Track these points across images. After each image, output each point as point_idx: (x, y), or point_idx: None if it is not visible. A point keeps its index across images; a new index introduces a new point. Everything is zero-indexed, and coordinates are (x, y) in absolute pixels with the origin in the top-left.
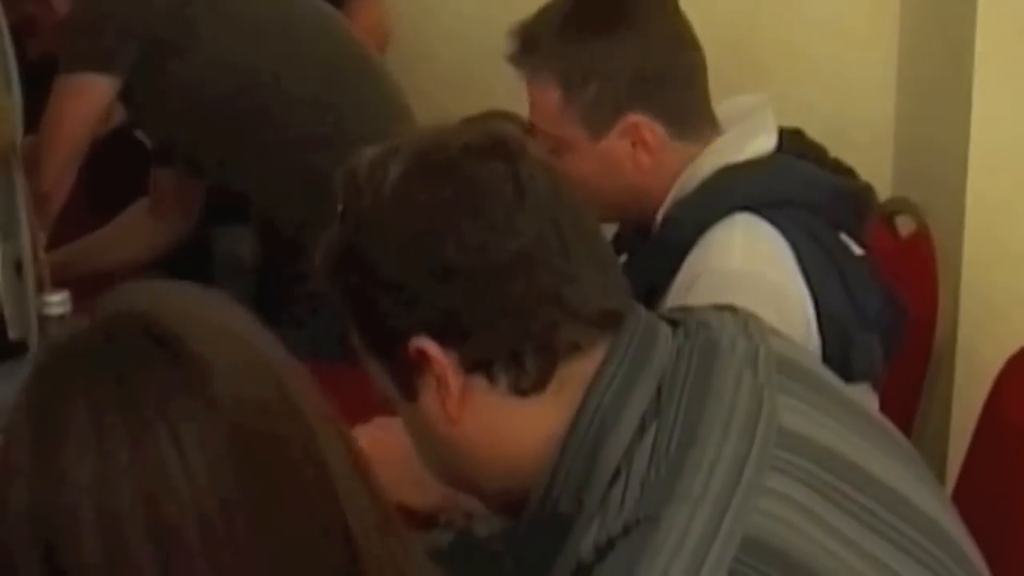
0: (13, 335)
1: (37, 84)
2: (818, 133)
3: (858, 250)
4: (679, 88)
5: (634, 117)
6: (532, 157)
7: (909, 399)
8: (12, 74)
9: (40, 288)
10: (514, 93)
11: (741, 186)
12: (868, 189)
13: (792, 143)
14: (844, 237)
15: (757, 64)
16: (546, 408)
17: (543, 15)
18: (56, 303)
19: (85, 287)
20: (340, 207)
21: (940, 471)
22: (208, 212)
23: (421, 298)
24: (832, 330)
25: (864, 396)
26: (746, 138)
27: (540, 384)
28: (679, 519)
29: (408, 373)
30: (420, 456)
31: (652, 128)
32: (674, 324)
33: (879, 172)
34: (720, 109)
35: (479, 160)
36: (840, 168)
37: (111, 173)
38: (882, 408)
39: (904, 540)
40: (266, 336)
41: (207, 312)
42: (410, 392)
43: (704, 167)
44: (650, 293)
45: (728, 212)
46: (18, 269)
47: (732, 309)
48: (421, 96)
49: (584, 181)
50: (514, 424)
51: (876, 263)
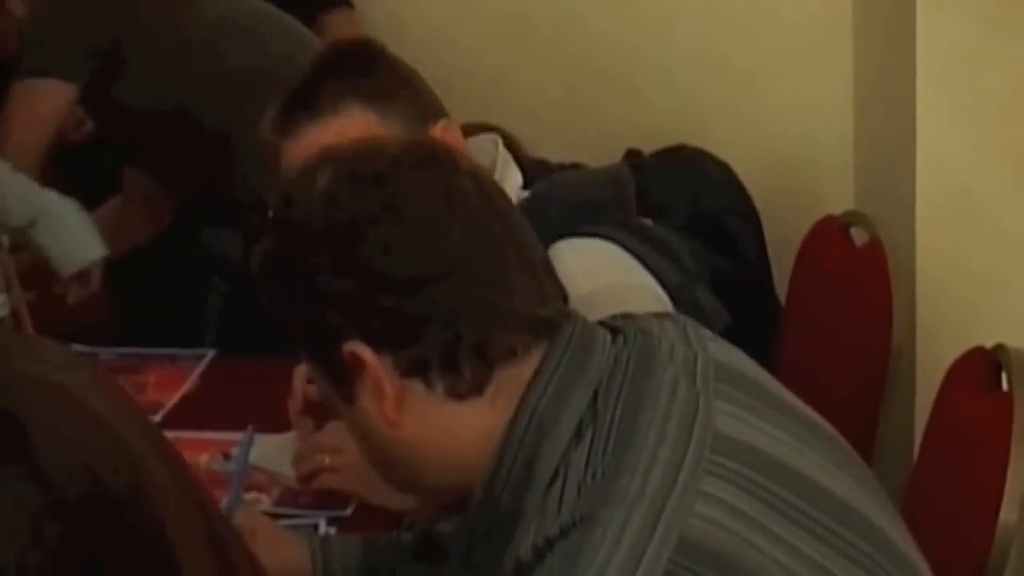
0: None
1: None
2: (783, 152)
3: (648, 222)
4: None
5: (443, 121)
6: (463, 169)
7: (868, 404)
8: None
9: None
10: (488, 108)
11: (541, 220)
12: (622, 166)
13: (536, 165)
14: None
15: (725, 88)
16: (484, 412)
17: None
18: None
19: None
20: (271, 216)
21: (904, 473)
22: (197, 214)
23: (352, 305)
24: (680, 297)
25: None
26: (507, 175)
27: (477, 389)
28: (615, 520)
29: (345, 377)
30: (365, 458)
31: (456, 135)
32: (614, 331)
33: (842, 186)
34: None
35: (408, 171)
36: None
37: (91, 175)
38: (841, 415)
39: (841, 543)
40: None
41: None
42: (348, 396)
43: None
44: None
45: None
46: None
47: (673, 317)
48: None
49: None
50: (453, 427)
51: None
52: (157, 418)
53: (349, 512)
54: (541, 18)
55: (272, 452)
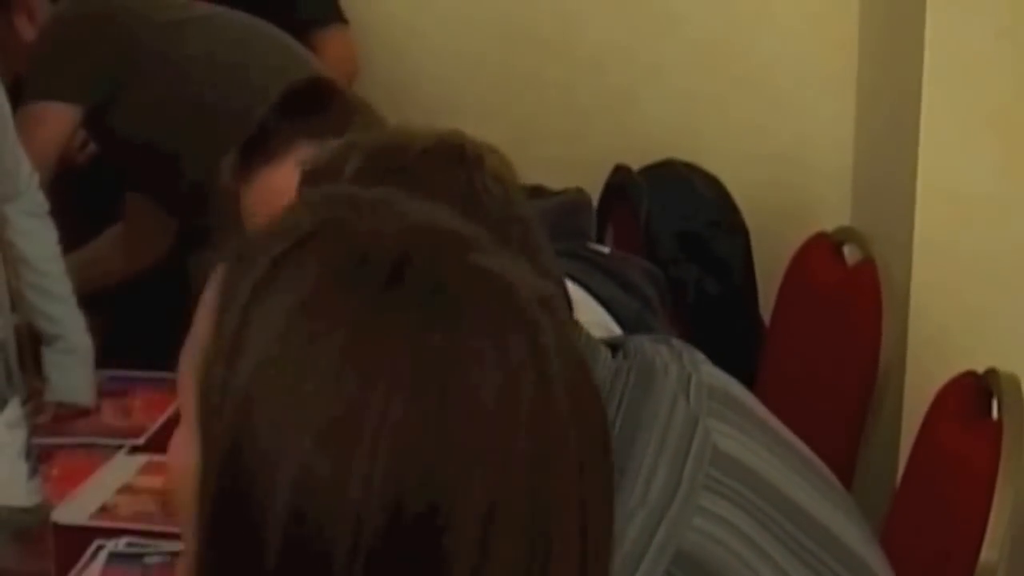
0: None
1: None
2: (778, 166)
3: (604, 249)
4: None
5: None
6: (488, 169)
7: (854, 425)
8: None
9: None
10: (484, 124)
11: None
12: (579, 191)
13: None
14: (591, 245)
15: (720, 98)
16: None
17: None
18: None
19: None
20: (296, 196)
21: (888, 496)
22: (182, 238)
23: None
24: (637, 329)
25: None
26: None
27: None
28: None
29: None
30: None
31: None
32: (613, 348)
33: (837, 204)
34: None
35: (435, 164)
36: (543, 191)
37: (91, 198)
38: (824, 437)
39: (826, 571)
40: None
41: None
42: None
43: None
44: None
45: None
46: None
47: (668, 341)
48: None
49: None
50: None
51: (621, 251)
52: (141, 441)
53: None
54: (536, 33)
55: None
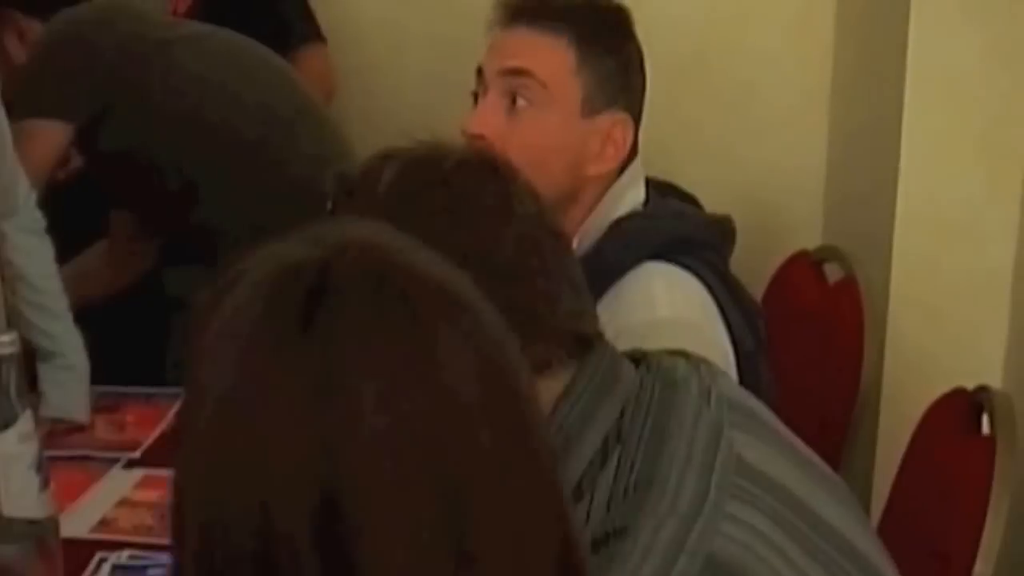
0: None
1: None
2: (752, 183)
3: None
4: (640, 116)
5: (622, 115)
6: (521, 183)
7: (834, 442)
8: None
9: None
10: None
11: (652, 234)
12: (728, 219)
13: (657, 188)
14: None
15: (699, 119)
16: None
17: None
18: (5, 343)
19: None
20: (330, 207)
21: (864, 511)
22: (161, 253)
23: None
24: (747, 365)
25: None
26: (628, 188)
27: None
28: (646, 532)
29: None
30: None
31: (627, 135)
32: (635, 361)
33: (810, 220)
34: None
35: (470, 177)
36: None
37: (73, 215)
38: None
39: (844, 574)
40: None
41: None
42: None
43: (617, 208)
44: None
45: (638, 261)
46: None
47: (684, 354)
48: (367, 148)
49: (539, 151)
50: None
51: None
52: (136, 455)
53: None
54: None
55: None
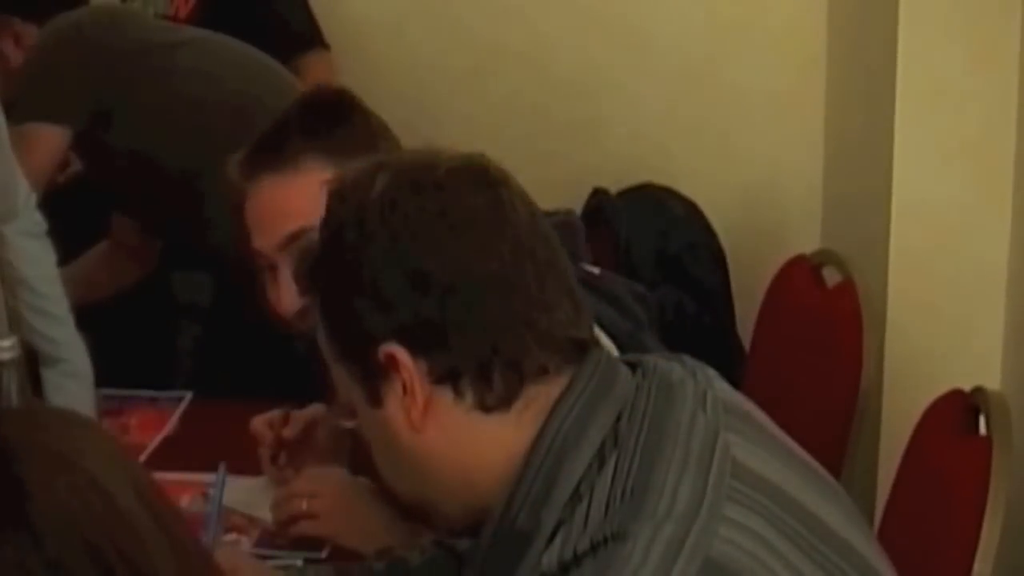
0: None
1: None
2: (751, 185)
3: (595, 269)
4: None
5: None
6: (514, 190)
7: (836, 445)
8: None
9: None
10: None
11: None
12: (569, 212)
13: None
14: (584, 265)
15: (695, 123)
16: (508, 427)
17: None
18: (5, 348)
19: None
20: (323, 214)
21: (868, 514)
22: (166, 258)
23: (397, 304)
24: (631, 347)
25: None
26: None
27: (505, 402)
28: (644, 536)
29: (375, 378)
30: (379, 465)
31: None
32: (631, 365)
33: (808, 225)
34: None
35: (464, 183)
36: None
37: (73, 219)
38: (809, 451)
39: (841, 575)
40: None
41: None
42: (375, 398)
43: None
44: None
45: None
46: None
47: (680, 358)
48: None
49: None
50: (476, 439)
51: (611, 273)
52: (142, 458)
53: (324, 555)
54: (510, 60)
55: (249, 495)
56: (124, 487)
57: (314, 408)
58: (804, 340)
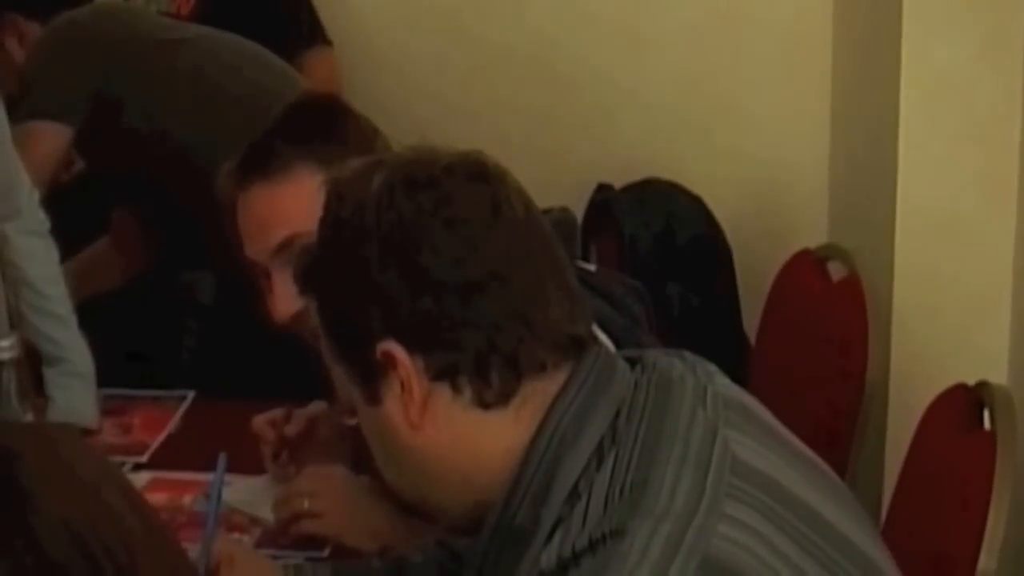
0: None
1: None
2: (758, 180)
3: (590, 266)
4: None
5: None
6: (511, 186)
7: (841, 439)
8: None
9: None
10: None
11: None
12: (564, 210)
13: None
14: (579, 263)
15: (702, 120)
16: (506, 423)
17: None
18: (5, 348)
19: None
20: (321, 214)
21: (874, 509)
22: (169, 257)
23: (394, 302)
24: (627, 343)
25: None
26: None
27: (503, 399)
28: (642, 533)
29: (373, 376)
30: (379, 463)
31: None
32: (631, 361)
33: (814, 220)
34: None
35: (460, 180)
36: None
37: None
38: (815, 446)
39: (842, 572)
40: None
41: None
42: (373, 396)
43: None
44: None
45: None
46: None
47: (680, 354)
48: None
49: None
50: (474, 436)
51: (605, 268)
52: (144, 459)
53: (326, 554)
54: (515, 57)
55: (251, 495)
56: (118, 496)
57: (316, 405)
58: (809, 335)
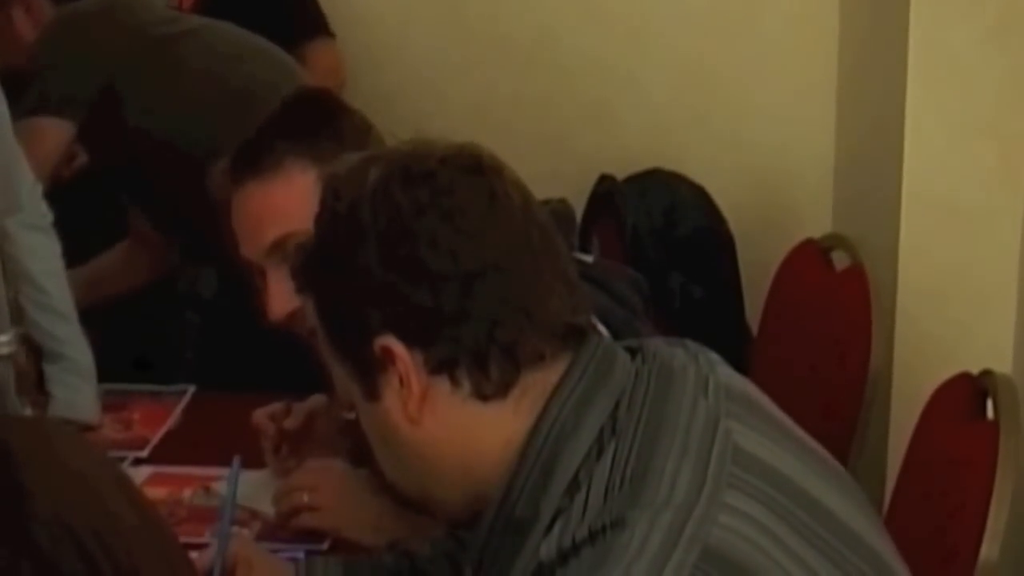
0: None
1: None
2: (761, 170)
3: (588, 258)
4: None
5: None
6: (508, 178)
7: (844, 429)
8: None
9: None
10: (468, 136)
11: None
12: (562, 201)
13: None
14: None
15: (705, 108)
16: (506, 415)
17: None
18: (3, 343)
19: None
20: (318, 209)
21: (877, 498)
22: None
23: (392, 297)
24: (626, 334)
25: None
26: None
27: (502, 390)
28: (642, 524)
29: (372, 372)
30: (379, 458)
31: None
32: (631, 351)
33: (819, 209)
34: None
35: (456, 172)
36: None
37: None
38: (818, 437)
39: (847, 564)
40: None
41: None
42: (372, 391)
43: None
44: None
45: None
46: None
47: (683, 343)
48: None
49: None
50: (474, 428)
51: (607, 258)
52: (144, 453)
53: (326, 547)
54: (517, 47)
55: (251, 488)
56: (115, 491)
57: (315, 399)
58: (813, 325)
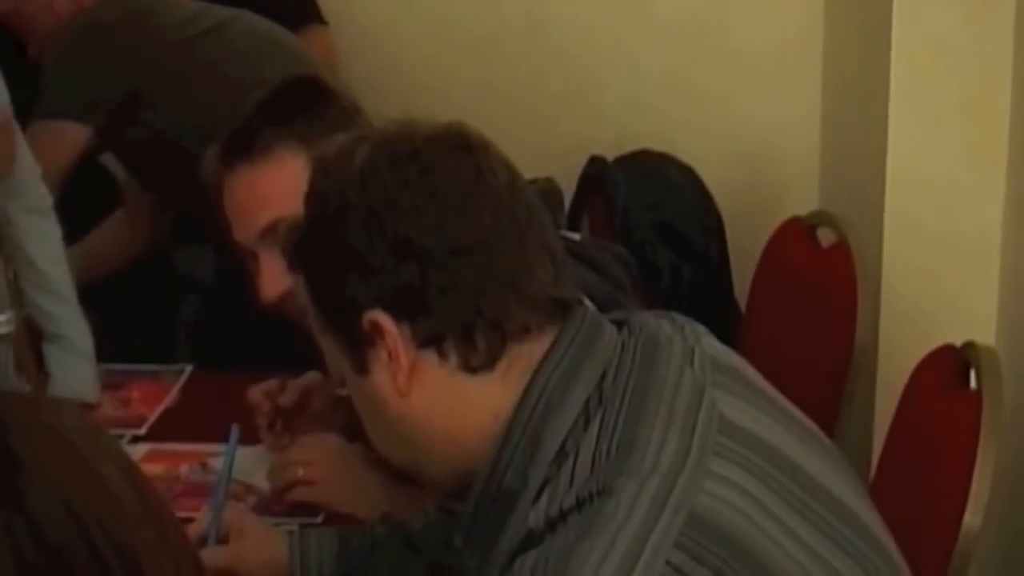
0: None
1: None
2: (749, 149)
3: (575, 235)
4: None
5: None
6: (493, 155)
7: (831, 403)
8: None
9: None
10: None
11: None
12: (549, 180)
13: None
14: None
15: (693, 88)
16: (494, 387)
17: None
18: (2, 323)
19: None
20: (307, 187)
21: (863, 468)
22: (170, 231)
23: (379, 272)
24: (611, 309)
25: None
26: None
27: (489, 363)
28: (628, 491)
29: (361, 346)
30: (370, 432)
31: None
32: (617, 324)
33: (805, 186)
34: None
35: (442, 149)
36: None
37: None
38: (806, 408)
39: (833, 531)
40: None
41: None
42: (362, 366)
43: None
44: None
45: None
46: None
47: (669, 316)
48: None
49: None
50: (462, 400)
51: (596, 238)
52: (142, 431)
53: (320, 520)
54: (506, 28)
55: (246, 463)
56: (113, 468)
57: (310, 375)
58: (799, 301)
